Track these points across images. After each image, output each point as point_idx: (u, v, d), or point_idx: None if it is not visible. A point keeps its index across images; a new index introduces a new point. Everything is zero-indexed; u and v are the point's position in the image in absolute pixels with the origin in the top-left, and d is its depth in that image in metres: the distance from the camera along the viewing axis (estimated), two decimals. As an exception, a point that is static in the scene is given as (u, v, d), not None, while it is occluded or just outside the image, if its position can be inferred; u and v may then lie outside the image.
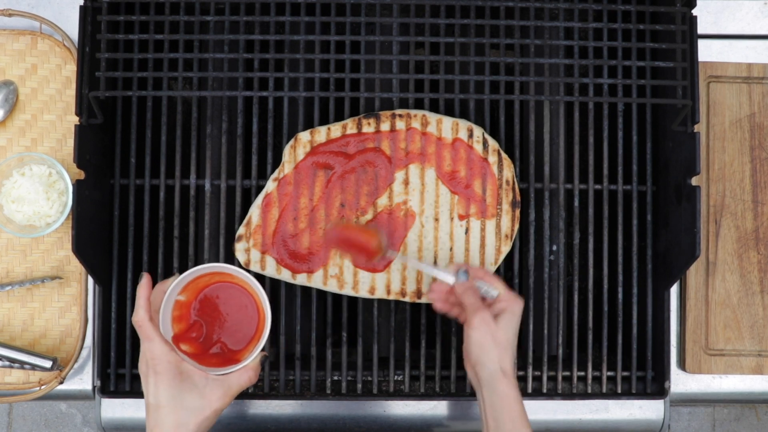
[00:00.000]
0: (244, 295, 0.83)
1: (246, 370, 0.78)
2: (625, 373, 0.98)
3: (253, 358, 0.79)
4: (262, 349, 0.80)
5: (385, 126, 0.94)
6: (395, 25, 0.93)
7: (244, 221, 0.94)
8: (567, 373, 0.98)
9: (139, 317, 0.75)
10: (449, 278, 0.87)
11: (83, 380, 1.01)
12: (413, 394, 0.97)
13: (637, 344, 0.98)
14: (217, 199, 0.97)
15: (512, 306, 0.84)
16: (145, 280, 0.78)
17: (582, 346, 0.99)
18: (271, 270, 0.93)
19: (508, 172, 0.95)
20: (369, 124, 0.94)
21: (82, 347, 0.99)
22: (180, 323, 0.81)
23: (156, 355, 0.74)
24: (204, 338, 0.82)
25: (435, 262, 0.93)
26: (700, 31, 1.02)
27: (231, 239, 0.95)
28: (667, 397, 0.97)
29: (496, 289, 0.85)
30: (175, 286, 0.79)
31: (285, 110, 0.97)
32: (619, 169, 0.98)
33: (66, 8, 1.03)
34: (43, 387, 0.99)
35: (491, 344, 0.81)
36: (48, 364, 0.97)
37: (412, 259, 0.91)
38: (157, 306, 0.78)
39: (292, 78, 0.93)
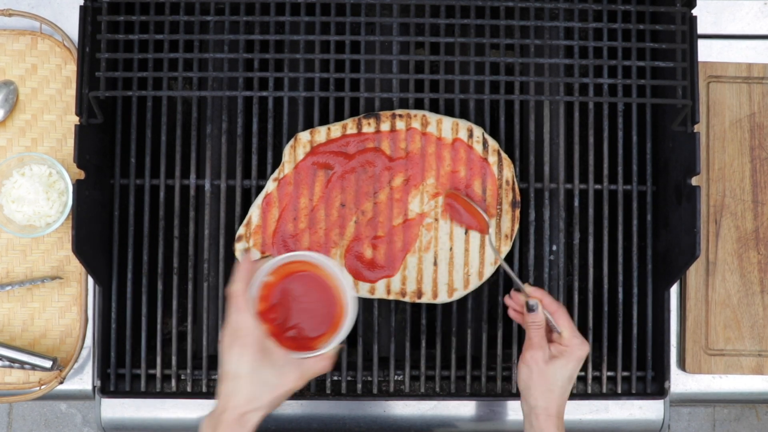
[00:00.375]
0: (328, 287, 0.84)
1: (323, 357, 0.79)
2: (625, 373, 0.98)
3: (332, 347, 0.80)
4: (341, 342, 0.81)
5: (385, 126, 0.94)
6: (395, 25, 0.93)
7: (244, 221, 0.94)
8: (567, 373, 0.98)
9: (238, 289, 0.77)
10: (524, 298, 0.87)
11: (83, 380, 1.01)
12: (413, 394, 0.97)
13: (637, 344, 0.98)
14: (217, 199, 0.97)
15: (572, 351, 0.84)
16: (249, 255, 0.80)
17: (582, 346, 0.99)
18: (271, 270, 0.93)
19: (508, 172, 0.95)
20: (369, 124, 0.94)
21: (82, 347, 0.99)
22: (262, 303, 0.82)
23: (245, 326, 0.75)
24: (282, 321, 0.83)
25: (435, 262, 0.93)
26: (700, 31, 1.01)
27: (231, 239, 0.95)
28: (667, 397, 0.97)
29: (561, 329, 0.85)
30: (267, 267, 0.81)
31: (285, 110, 0.97)
32: (619, 169, 0.98)
33: (66, 8, 1.03)
34: (43, 387, 0.99)
35: (536, 383, 0.83)
36: (48, 364, 0.97)
37: (503, 262, 0.90)
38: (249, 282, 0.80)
39: (292, 78, 0.93)
